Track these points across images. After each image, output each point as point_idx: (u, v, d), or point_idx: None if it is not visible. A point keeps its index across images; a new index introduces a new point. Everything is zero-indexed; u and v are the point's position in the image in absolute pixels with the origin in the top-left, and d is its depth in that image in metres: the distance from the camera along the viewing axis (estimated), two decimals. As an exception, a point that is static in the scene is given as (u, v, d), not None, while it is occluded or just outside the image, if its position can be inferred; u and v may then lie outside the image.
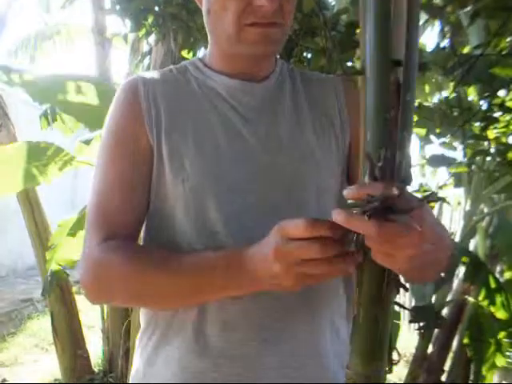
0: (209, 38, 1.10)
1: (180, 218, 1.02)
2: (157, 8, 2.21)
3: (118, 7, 2.20)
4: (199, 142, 1.02)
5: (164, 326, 1.04)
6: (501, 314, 3.06)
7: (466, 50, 2.61)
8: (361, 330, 0.79)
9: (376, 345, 0.79)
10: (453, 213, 5.83)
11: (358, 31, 2.29)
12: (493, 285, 2.98)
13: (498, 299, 3.00)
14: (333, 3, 2.56)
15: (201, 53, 3.80)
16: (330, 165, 1.08)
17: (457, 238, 3.30)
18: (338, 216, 0.70)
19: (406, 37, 0.73)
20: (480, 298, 2.98)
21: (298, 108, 1.10)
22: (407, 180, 0.74)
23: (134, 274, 0.94)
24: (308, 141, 1.07)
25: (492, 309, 3.01)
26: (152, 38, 3.31)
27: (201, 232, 1.01)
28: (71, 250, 3.26)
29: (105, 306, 4.48)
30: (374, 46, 0.75)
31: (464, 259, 2.95)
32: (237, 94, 1.07)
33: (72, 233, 3.15)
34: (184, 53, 3.80)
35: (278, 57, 1.20)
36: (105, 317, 4.51)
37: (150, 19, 2.25)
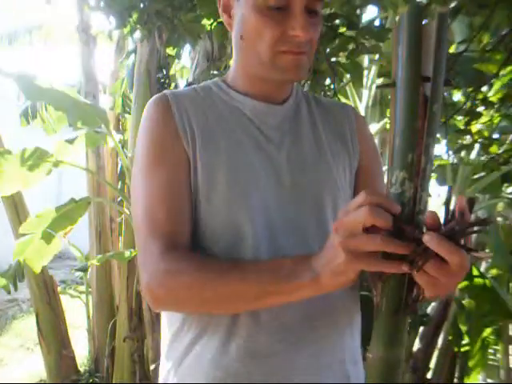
0: (234, 60, 1.16)
1: (210, 230, 1.06)
2: (142, 5, 2.20)
3: (102, 4, 2.18)
4: (233, 159, 1.07)
5: (198, 329, 1.07)
6: (481, 300, 3.06)
7: (451, 48, 2.64)
8: (383, 317, 0.84)
9: (397, 331, 0.84)
10: (439, 209, 5.87)
11: (340, 25, 2.31)
12: (475, 272, 2.99)
13: (479, 283, 3.00)
14: None
15: (185, 50, 3.81)
16: (344, 184, 1.15)
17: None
18: (429, 238, 0.74)
19: (434, 55, 0.81)
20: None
21: (316, 129, 1.17)
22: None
23: (205, 283, 0.96)
24: (327, 161, 1.14)
25: (472, 294, 3.01)
26: (137, 36, 3.30)
27: (230, 244, 1.05)
28: (44, 251, 3.21)
29: (90, 306, 4.47)
30: (405, 63, 0.83)
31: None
32: (260, 115, 1.13)
33: (47, 234, 3.10)
34: (169, 50, 3.81)
35: None
36: (90, 316, 4.50)
37: (135, 16, 2.24)
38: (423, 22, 0.83)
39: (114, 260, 4.20)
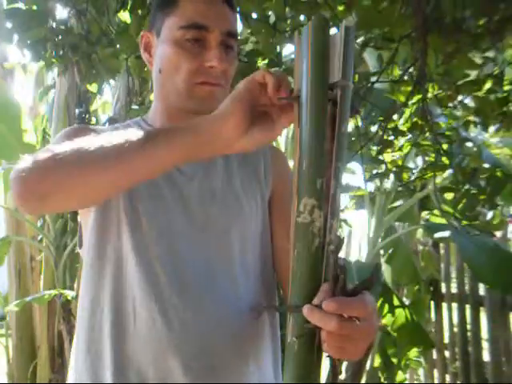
0: (154, 97, 1.20)
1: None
2: (56, 38, 2.17)
3: (15, 36, 2.14)
4: (144, 190, 1.08)
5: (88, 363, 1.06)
6: (405, 335, 3.14)
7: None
8: (294, 357, 0.79)
9: (310, 372, 0.79)
10: (362, 239, 6.00)
11: (260, 61, 2.37)
12: (396, 302, 3.07)
13: (402, 319, 3.09)
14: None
15: (105, 87, 3.78)
16: (253, 216, 1.17)
17: (362, 264, 3.39)
18: (304, 309, 0.75)
19: (341, 70, 0.76)
20: (383, 312, 3.05)
21: (229, 164, 1.19)
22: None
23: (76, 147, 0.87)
24: (237, 194, 1.16)
25: (394, 326, 3.09)
26: (55, 70, 3.26)
27: (140, 275, 1.04)
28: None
29: (10, 349, 4.28)
30: (311, 78, 0.78)
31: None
32: None
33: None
34: (90, 85, 3.77)
35: None
36: (10, 360, 4.31)
37: (50, 49, 2.21)
38: (329, 39, 0.79)
39: (34, 299, 4.06)
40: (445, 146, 2.39)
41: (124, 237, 1.06)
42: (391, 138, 2.49)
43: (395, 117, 2.50)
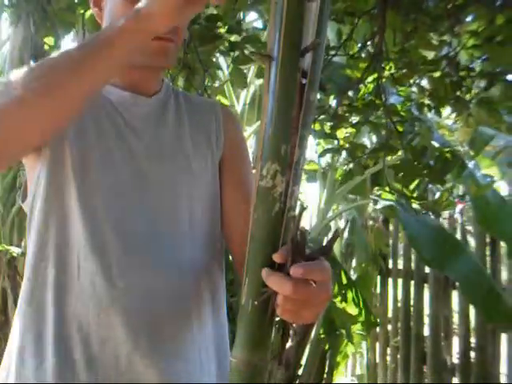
0: None
1: (66, 213, 1.06)
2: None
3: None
4: (91, 146, 1.09)
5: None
6: (352, 310, 3.23)
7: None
8: (248, 319, 0.81)
9: (262, 334, 0.81)
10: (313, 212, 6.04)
11: (220, 26, 2.33)
12: (344, 281, 3.14)
13: (349, 295, 3.17)
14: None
15: (63, 41, 3.68)
16: (204, 176, 1.18)
17: (311, 235, 3.42)
18: (262, 272, 0.77)
19: (314, 38, 0.77)
20: (333, 293, 3.12)
21: (180, 123, 1.21)
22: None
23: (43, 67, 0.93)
24: (186, 153, 1.17)
25: (344, 304, 3.17)
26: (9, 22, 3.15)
27: (84, 227, 1.04)
28: None
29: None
30: (284, 43, 0.78)
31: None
32: (126, 105, 1.16)
33: None
34: (47, 39, 3.66)
35: None
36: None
37: (3, -2, 2.12)
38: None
39: (-21, 256, 3.99)
40: (399, 128, 2.41)
41: (71, 191, 1.06)
42: (346, 114, 2.49)
43: (351, 94, 2.51)
